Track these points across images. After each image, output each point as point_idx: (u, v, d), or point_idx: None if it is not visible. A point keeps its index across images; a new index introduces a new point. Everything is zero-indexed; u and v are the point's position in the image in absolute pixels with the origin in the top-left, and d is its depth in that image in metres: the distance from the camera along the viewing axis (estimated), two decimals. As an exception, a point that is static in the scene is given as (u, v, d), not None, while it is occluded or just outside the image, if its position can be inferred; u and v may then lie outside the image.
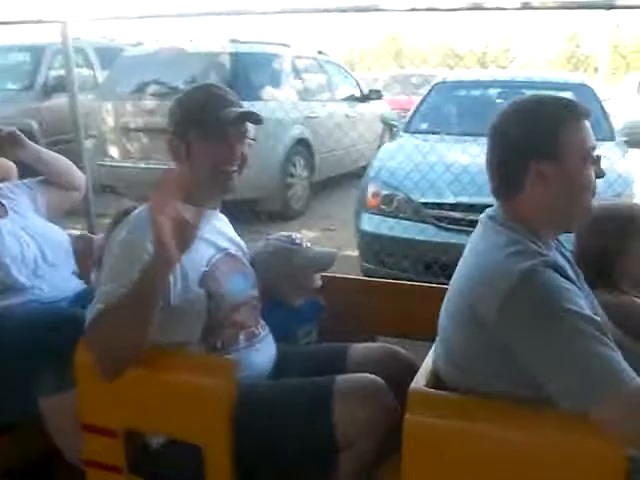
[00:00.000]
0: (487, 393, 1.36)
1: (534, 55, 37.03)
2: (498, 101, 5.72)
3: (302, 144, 6.91)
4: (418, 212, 3.99)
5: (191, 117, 1.69)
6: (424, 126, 5.34)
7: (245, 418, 1.53)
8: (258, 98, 6.28)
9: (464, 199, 3.79)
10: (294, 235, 2.06)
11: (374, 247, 4.08)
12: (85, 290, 2.17)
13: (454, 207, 3.85)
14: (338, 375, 1.60)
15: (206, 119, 1.67)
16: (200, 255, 1.68)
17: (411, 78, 13.81)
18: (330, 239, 5.46)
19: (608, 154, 4.18)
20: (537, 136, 1.38)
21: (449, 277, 1.55)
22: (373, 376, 1.58)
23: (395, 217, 4.06)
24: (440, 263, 3.68)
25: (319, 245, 2.19)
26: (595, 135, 1.41)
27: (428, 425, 1.36)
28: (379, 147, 5.81)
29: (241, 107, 1.74)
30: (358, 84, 8.77)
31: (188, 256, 1.54)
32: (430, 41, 35.59)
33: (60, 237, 2.27)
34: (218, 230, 1.82)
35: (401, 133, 5.30)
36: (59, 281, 2.15)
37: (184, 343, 1.65)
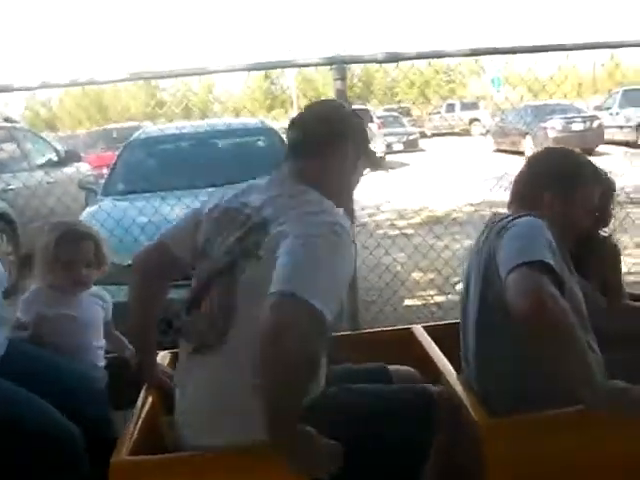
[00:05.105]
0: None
1: (237, 97, 38.56)
2: (195, 152, 5.74)
3: (1, 219, 6.51)
4: (125, 275, 3.92)
5: None
6: (122, 187, 5.23)
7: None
8: None
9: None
10: None
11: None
12: None
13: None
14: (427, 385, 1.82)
15: None
16: None
17: (112, 132, 13.60)
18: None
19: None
20: (568, 178, 1.89)
21: (177, 332, 1.64)
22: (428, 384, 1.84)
23: (103, 284, 3.95)
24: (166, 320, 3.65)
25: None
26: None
27: (517, 454, 1.42)
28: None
29: None
30: (55, 148, 8.46)
31: None
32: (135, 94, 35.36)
33: None
34: None
35: (100, 197, 5.16)
36: None
37: None
